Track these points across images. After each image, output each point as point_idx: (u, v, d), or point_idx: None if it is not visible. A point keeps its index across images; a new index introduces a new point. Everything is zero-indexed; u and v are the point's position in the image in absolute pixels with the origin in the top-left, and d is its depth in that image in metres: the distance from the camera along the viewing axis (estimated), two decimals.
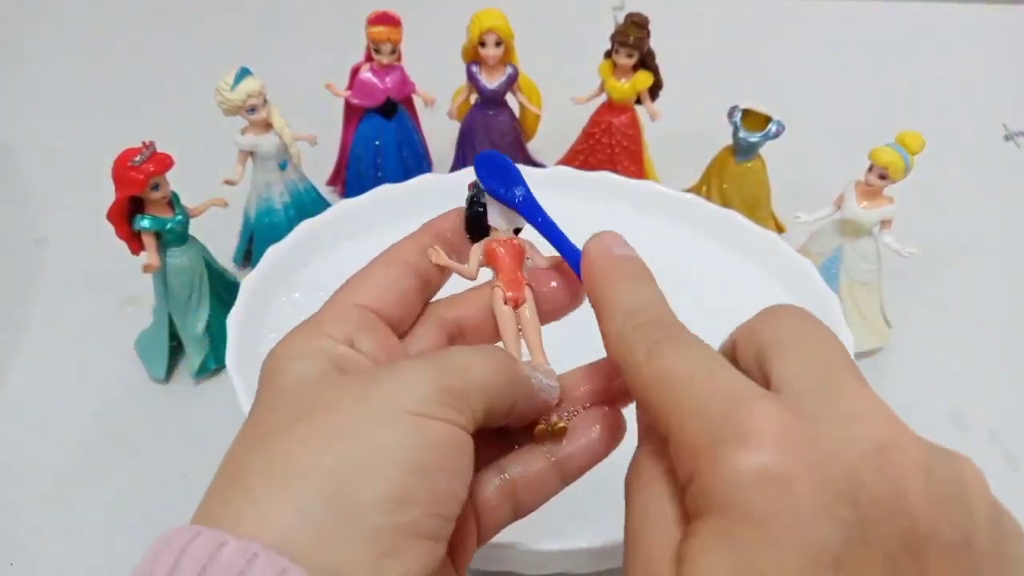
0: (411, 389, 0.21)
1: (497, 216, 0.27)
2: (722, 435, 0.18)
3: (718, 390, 0.19)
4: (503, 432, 0.26)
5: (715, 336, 0.48)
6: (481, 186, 0.27)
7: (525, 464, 0.26)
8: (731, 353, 0.23)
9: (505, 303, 0.27)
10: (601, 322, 0.23)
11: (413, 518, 0.20)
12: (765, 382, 0.20)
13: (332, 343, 0.23)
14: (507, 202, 0.27)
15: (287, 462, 0.20)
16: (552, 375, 0.26)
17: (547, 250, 0.28)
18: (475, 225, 0.28)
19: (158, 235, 0.46)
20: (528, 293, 0.27)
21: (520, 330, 0.27)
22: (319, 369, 0.22)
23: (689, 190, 0.58)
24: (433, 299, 0.28)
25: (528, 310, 0.27)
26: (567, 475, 0.26)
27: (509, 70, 0.58)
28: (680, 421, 0.19)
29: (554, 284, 0.28)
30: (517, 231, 0.28)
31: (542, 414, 0.26)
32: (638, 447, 0.23)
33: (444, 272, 0.27)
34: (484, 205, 0.27)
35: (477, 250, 0.28)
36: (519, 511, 0.26)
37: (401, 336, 0.26)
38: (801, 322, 0.22)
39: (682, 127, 0.64)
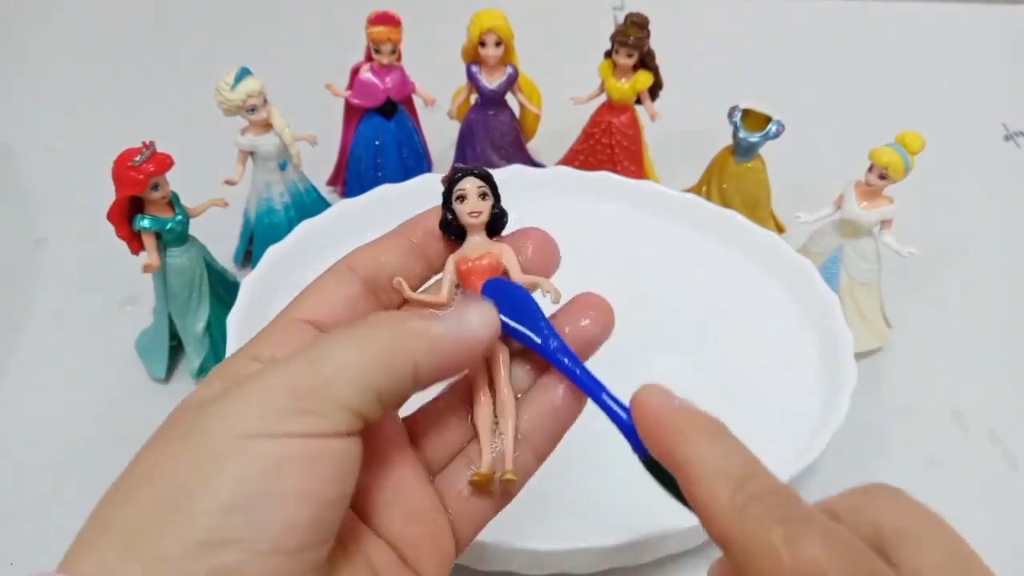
0: (250, 406, 0.19)
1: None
2: None
3: None
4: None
5: (716, 336, 0.48)
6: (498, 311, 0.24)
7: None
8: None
9: None
10: (697, 489, 0.20)
11: (231, 561, 0.18)
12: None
13: (246, 363, 0.22)
14: (536, 349, 0.24)
15: (100, 511, 0.19)
16: (482, 312, 0.23)
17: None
18: (451, 226, 0.26)
19: (158, 235, 0.46)
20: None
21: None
22: (198, 397, 0.21)
23: (689, 190, 0.58)
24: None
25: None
26: (539, 451, 0.25)
27: (509, 70, 0.58)
28: None
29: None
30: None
31: (467, 357, 0.23)
32: None
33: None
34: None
35: (449, 270, 0.26)
36: (500, 499, 0.25)
37: None
38: (924, 511, 0.21)
39: (682, 127, 0.64)
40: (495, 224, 0.26)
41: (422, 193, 0.51)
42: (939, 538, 0.20)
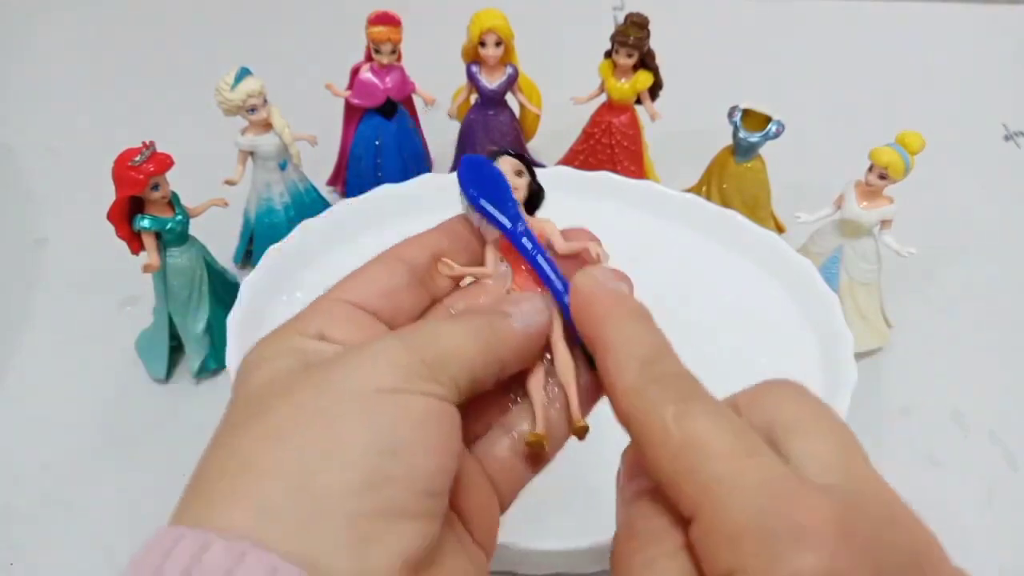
0: (378, 365, 0.21)
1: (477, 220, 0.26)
2: (774, 529, 0.17)
3: (761, 474, 0.18)
4: (505, 387, 0.25)
5: (715, 336, 0.48)
6: (465, 194, 0.25)
7: (531, 416, 0.25)
8: None
9: None
10: (607, 368, 0.22)
11: (390, 499, 0.19)
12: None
13: (301, 339, 0.23)
14: (498, 226, 0.25)
15: (244, 460, 0.19)
16: (534, 303, 0.24)
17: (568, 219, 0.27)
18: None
19: (158, 235, 0.46)
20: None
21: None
22: (286, 367, 0.22)
23: (689, 190, 0.58)
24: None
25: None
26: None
27: (509, 70, 0.58)
28: (717, 503, 0.18)
29: None
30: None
31: (537, 346, 0.24)
32: (634, 510, 0.22)
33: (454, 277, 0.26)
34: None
35: (492, 247, 0.26)
36: (536, 464, 0.26)
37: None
38: (815, 404, 0.22)
39: (682, 127, 0.64)
40: (533, 200, 0.27)
41: (422, 193, 0.51)
42: (824, 428, 0.20)
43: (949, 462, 0.47)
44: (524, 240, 0.25)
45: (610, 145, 0.60)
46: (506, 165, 0.26)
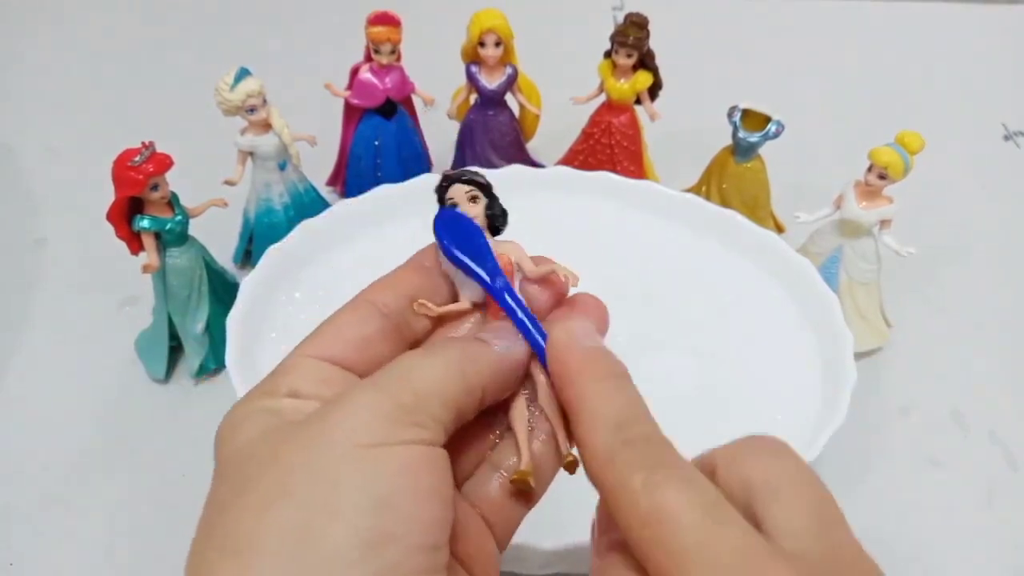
0: (357, 419, 0.20)
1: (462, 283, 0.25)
2: None
3: (729, 544, 0.18)
4: (488, 422, 0.25)
5: (715, 336, 0.48)
6: (444, 251, 0.25)
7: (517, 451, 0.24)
8: (710, 476, 0.21)
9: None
10: (578, 430, 0.21)
11: (392, 560, 0.18)
12: (754, 522, 0.20)
13: (274, 400, 0.22)
14: (478, 281, 0.25)
15: (239, 540, 0.18)
16: (511, 329, 0.24)
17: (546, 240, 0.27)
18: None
19: (158, 235, 0.46)
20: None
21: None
22: (262, 429, 0.21)
23: (689, 190, 0.58)
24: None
25: None
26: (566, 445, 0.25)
27: (509, 70, 0.58)
28: (681, 571, 0.18)
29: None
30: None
31: (519, 371, 0.24)
32: (607, 563, 0.21)
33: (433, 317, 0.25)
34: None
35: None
36: (527, 501, 0.25)
37: None
38: (794, 465, 0.21)
39: (682, 127, 0.64)
40: (495, 224, 0.26)
41: (421, 193, 0.51)
42: (801, 492, 0.20)
43: (949, 462, 0.47)
44: (505, 296, 0.25)
45: (610, 145, 0.60)
46: (458, 193, 0.26)
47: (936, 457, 0.48)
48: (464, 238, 0.25)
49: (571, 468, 0.24)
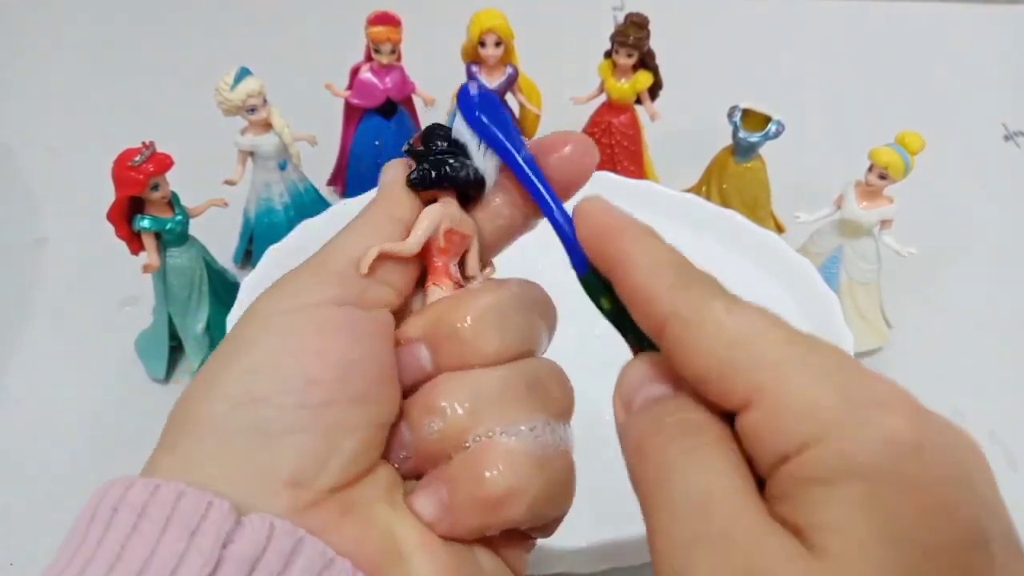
0: (275, 289, 0.23)
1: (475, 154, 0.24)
2: (857, 399, 0.17)
3: (831, 359, 0.18)
4: None
5: None
6: (470, 126, 0.24)
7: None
8: None
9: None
10: (637, 276, 0.21)
11: (263, 416, 0.20)
12: None
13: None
14: (501, 153, 0.24)
15: (177, 418, 0.22)
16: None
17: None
18: (426, 181, 0.24)
19: (158, 235, 0.46)
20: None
21: None
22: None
23: (689, 190, 0.58)
24: None
25: None
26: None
27: (509, 70, 0.58)
28: (785, 382, 0.17)
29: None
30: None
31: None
32: (659, 408, 0.20)
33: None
34: (451, 153, 0.24)
35: (430, 223, 0.23)
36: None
37: None
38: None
39: (682, 127, 0.64)
40: (471, 192, 0.24)
41: None
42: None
43: None
44: (526, 170, 0.24)
45: (610, 145, 0.60)
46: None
47: None
48: (491, 111, 0.24)
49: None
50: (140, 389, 0.50)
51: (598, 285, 0.23)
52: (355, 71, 0.58)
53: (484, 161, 0.24)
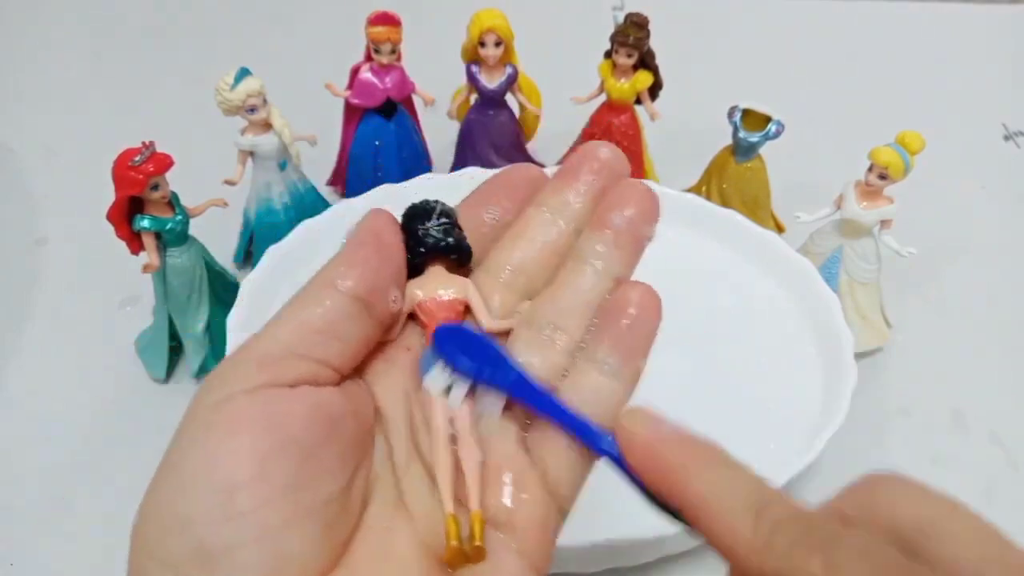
0: (213, 376, 0.21)
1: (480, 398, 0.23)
2: None
3: None
4: None
5: (715, 336, 0.48)
6: (454, 370, 0.22)
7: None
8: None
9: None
10: (712, 529, 0.19)
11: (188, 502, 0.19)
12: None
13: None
14: (497, 387, 0.23)
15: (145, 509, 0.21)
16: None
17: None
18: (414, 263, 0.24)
19: (158, 235, 0.46)
20: None
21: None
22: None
23: (689, 190, 0.58)
24: None
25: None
26: (562, 498, 0.24)
27: (509, 70, 0.58)
28: None
29: None
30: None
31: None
32: None
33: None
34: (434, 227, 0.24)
35: (409, 298, 0.24)
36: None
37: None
38: (940, 500, 0.19)
39: (682, 127, 0.64)
40: (459, 257, 0.25)
41: (422, 193, 0.51)
42: (966, 527, 0.18)
43: (949, 462, 0.47)
44: (545, 397, 0.22)
45: None
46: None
47: (936, 457, 0.48)
48: (475, 351, 0.23)
49: (478, 556, 0.21)
50: (140, 389, 0.50)
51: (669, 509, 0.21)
52: (355, 71, 0.58)
53: (486, 399, 0.23)
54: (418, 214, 0.25)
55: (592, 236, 0.25)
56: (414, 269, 0.24)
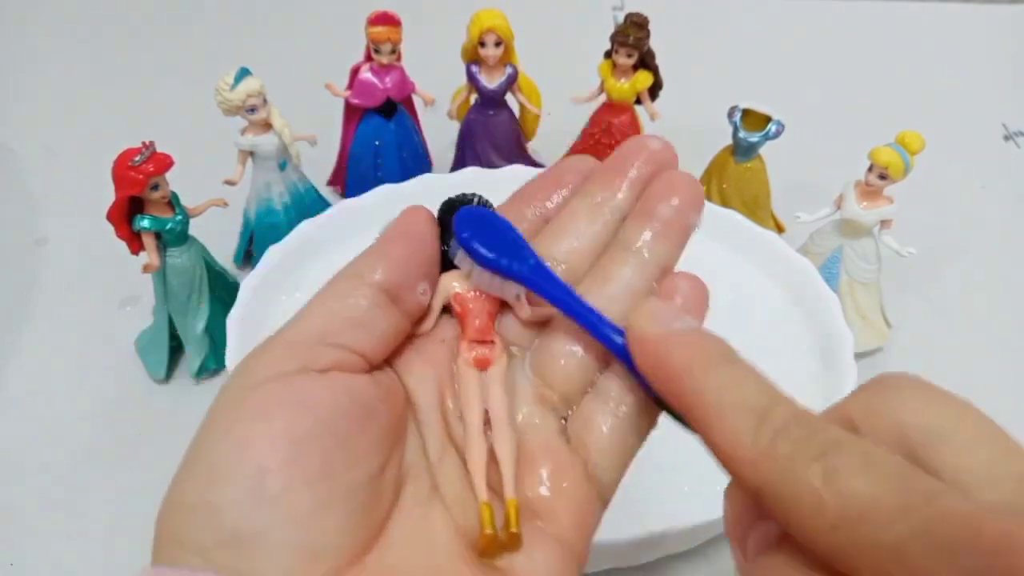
0: (244, 362, 0.21)
1: (487, 282, 0.23)
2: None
3: (956, 518, 0.15)
4: None
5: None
6: (468, 254, 0.23)
7: None
8: (849, 431, 0.18)
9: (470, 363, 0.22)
10: (712, 432, 0.18)
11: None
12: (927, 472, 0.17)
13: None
14: (512, 277, 0.22)
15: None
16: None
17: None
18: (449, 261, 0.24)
19: (158, 235, 0.46)
20: (501, 352, 0.23)
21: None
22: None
23: None
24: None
25: (498, 374, 0.22)
26: (605, 479, 0.23)
27: (509, 70, 0.58)
28: (905, 569, 0.15)
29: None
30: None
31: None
32: (767, 564, 0.18)
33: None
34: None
35: (442, 296, 0.23)
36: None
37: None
38: (951, 403, 0.19)
39: (682, 127, 0.63)
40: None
41: (422, 193, 0.51)
42: (975, 433, 0.18)
43: None
44: (549, 283, 0.22)
45: (610, 145, 0.60)
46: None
47: None
48: (495, 237, 0.23)
49: (514, 543, 0.20)
50: (140, 389, 0.50)
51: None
52: (355, 71, 0.58)
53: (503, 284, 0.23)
54: (455, 207, 0.25)
55: (639, 226, 0.24)
56: (451, 262, 0.24)
